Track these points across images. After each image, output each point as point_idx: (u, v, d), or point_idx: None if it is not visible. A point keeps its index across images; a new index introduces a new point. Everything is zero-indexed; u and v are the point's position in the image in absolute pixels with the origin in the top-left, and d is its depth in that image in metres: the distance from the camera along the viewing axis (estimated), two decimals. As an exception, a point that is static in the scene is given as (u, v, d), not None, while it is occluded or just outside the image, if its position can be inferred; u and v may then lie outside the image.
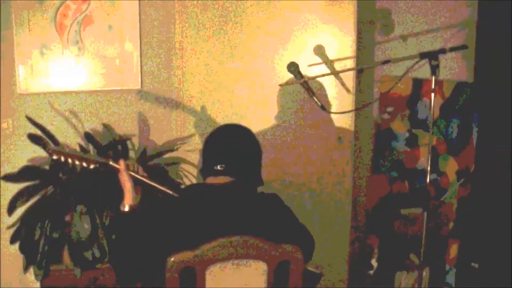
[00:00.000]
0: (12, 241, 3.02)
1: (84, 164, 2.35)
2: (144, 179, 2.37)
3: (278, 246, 2.11)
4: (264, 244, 2.10)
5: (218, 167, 2.27)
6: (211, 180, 2.30)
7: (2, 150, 3.31)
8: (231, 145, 2.34)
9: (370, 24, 3.63)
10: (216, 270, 2.10)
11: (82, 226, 2.99)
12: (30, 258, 3.06)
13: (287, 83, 2.95)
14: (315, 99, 2.90)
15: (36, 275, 3.10)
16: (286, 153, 3.40)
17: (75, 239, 2.99)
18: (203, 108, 3.36)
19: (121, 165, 2.33)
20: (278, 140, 3.38)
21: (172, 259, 2.04)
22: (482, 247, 3.66)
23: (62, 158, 2.33)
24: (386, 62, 2.85)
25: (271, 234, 2.16)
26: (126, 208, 2.30)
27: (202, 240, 2.06)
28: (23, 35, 3.25)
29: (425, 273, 3.57)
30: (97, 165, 2.36)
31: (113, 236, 2.94)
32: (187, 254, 2.04)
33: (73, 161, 2.34)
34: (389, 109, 3.63)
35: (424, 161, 3.62)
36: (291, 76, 2.95)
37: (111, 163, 2.35)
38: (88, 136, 3.26)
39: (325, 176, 3.43)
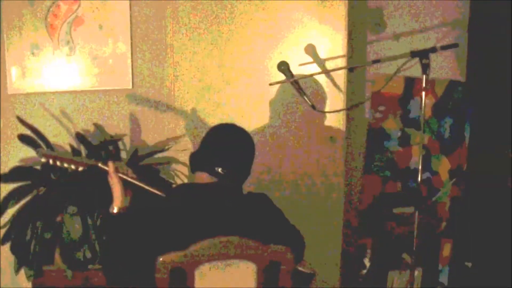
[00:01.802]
0: (3, 241, 3.01)
1: (73, 167, 2.34)
2: (134, 181, 2.36)
3: (268, 247, 2.11)
4: (253, 244, 2.09)
5: (220, 170, 2.26)
6: (200, 175, 2.29)
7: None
8: (236, 152, 2.35)
9: (362, 23, 3.63)
10: (205, 271, 2.09)
11: (73, 227, 2.98)
12: (22, 258, 3.05)
13: (277, 82, 2.94)
14: (306, 98, 2.90)
15: (27, 276, 3.09)
16: (277, 153, 3.39)
17: (66, 240, 2.98)
18: (194, 108, 3.36)
19: (110, 167, 2.32)
20: (269, 139, 3.38)
21: (161, 259, 2.04)
22: (475, 246, 3.66)
23: (51, 161, 2.33)
24: (376, 61, 2.83)
25: (260, 234, 2.15)
26: (115, 210, 2.29)
27: (192, 240, 2.06)
28: (14, 35, 3.24)
29: (418, 272, 3.57)
30: (86, 168, 2.36)
31: (104, 238, 2.94)
32: (176, 254, 2.04)
33: (62, 164, 2.33)
34: (381, 108, 3.62)
35: (417, 160, 3.62)
36: (282, 75, 2.95)
37: (100, 165, 2.34)
38: (79, 136, 3.25)
39: (317, 176, 3.42)
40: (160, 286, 2.06)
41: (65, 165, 2.34)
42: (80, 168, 2.35)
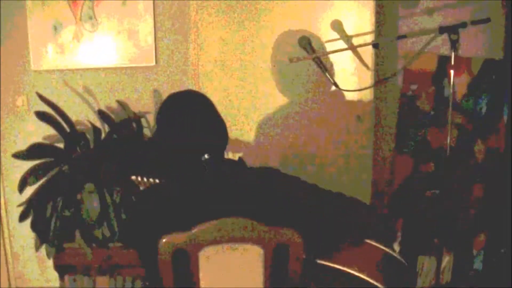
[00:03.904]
0: (21, 219, 3.01)
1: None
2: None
3: (273, 229, 2.02)
4: (259, 226, 2.01)
5: (206, 156, 2.15)
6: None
7: (16, 127, 3.30)
8: (206, 122, 2.17)
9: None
10: (210, 254, 2.03)
11: (92, 205, 2.96)
12: (42, 236, 3.05)
13: (298, 59, 2.83)
14: (328, 75, 2.79)
15: (48, 253, 3.09)
16: (302, 133, 3.29)
17: (85, 218, 2.97)
18: (219, 83, 3.29)
19: None
20: (293, 118, 3.28)
21: (164, 241, 1.98)
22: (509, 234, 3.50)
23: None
24: (402, 36, 2.71)
25: (270, 214, 2.07)
26: None
27: (198, 222, 2.00)
28: (36, 11, 3.22)
29: (448, 258, 3.43)
30: None
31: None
32: (178, 236, 1.98)
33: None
34: (414, 86, 3.47)
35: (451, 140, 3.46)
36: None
37: None
38: (101, 114, 3.22)
39: (344, 157, 3.31)
40: (163, 268, 2.00)
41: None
42: None
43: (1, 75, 3.25)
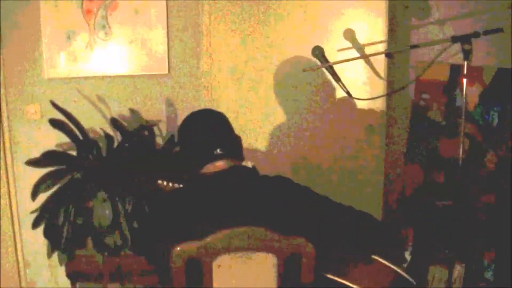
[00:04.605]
0: (34, 226, 3.02)
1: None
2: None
3: (286, 238, 2.02)
4: (272, 235, 2.01)
5: (218, 151, 2.19)
6: (209, 167, 2.21)
7: (29, 135, 3.31)
8: (220, 127, 2.27)
9: (406, 7, 3.47)
10: (223, 262, 2.03)
11: (104, 213, 2.96)
12: (55, 243, 3.06)
13: (311, 68, 2.84)
14: (341, 85, 2.79)
15: (60, 260, 3.10)
16: (313, 141, 3.30)
17: (96, 225, 2.97)
18: (231, 92, 3.30)
19: None
20: (305, 127, 3.29)
21: (176, 249, 1.98)
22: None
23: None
24: (414, 46, 2.71)
25: (283, 222, 2.07)
26: None
27: (212, 230, 2.00)
28: (50, 20, 3.23)
29: (460, 267, 3.41)
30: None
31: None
32: (190, 245, 1.98)
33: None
34: (425, 96, 3.47)
35: (463, 151, 3.45)
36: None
37: None
38: (114, 122, 3.24)
39: (355, 166, 3.31)
40: (175, 276, 2.01)
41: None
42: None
43: (14, 83, 3.26)
